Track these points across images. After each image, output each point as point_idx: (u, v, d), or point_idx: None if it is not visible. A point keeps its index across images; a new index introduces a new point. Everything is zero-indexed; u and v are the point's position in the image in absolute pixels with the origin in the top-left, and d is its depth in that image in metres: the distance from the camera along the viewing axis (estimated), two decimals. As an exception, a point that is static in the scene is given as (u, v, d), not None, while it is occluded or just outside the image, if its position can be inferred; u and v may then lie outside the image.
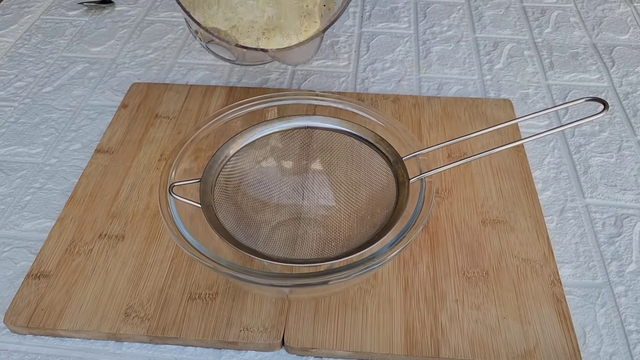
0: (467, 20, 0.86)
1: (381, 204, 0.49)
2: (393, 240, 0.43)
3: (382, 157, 0.50)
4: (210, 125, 0.53)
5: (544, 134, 0.46)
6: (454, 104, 0.69)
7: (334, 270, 0.42)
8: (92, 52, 0.80)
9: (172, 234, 0.43)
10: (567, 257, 0.55)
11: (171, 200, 0.46)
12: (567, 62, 0.78)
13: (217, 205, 0.47)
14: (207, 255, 0.42)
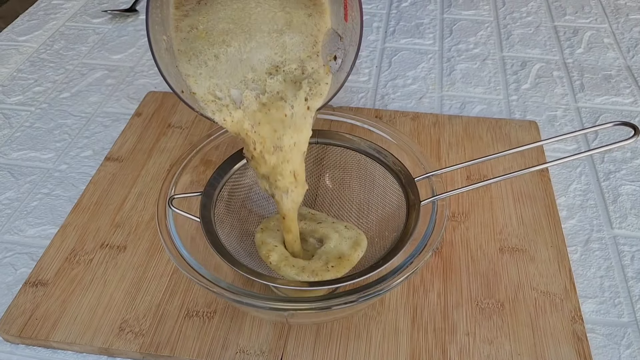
0: (495, 38, 0.83)
1: (390, 226, 0.47)
2: (400, 264, 0.40)
3: (394, 177, 0.48)
4: (219, 136, 0.51)
5: (570, 158, 0.43)
6: (476, 124, 0.66)
7: (337, 295, 0.39)
8: (112, 60, 0.80)
9: (165, 246, 0.41)
10: (591, 291, 0.51)
11: (170, 213, 0.44)
12: (599, 85, 0.74)
13: (218, 221, 0.45)
14: (195, 268, 0.40)
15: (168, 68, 0.40)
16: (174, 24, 0.41)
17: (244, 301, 0.38)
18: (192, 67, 0.41)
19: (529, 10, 0.89)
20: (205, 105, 0.41)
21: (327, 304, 0.39)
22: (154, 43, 0.38)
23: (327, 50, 0.44)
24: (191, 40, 0.42)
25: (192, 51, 0.41)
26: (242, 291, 0.39)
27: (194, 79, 0.41)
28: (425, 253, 0.41)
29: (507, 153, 0.47)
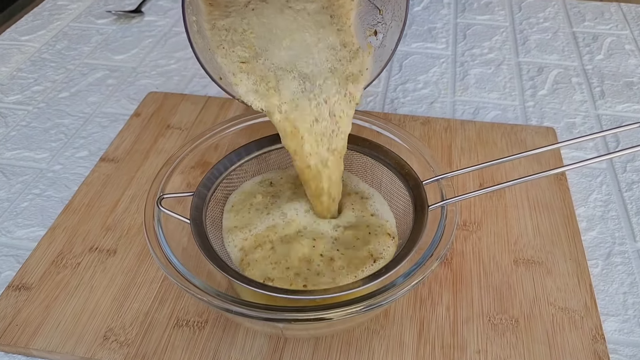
0: (511, 44, 0.80)
1: (397, 233, 0.43)
2: (405, 273, 0.37)
3: (401, 180, 0.44)
4: (214, 135, 0.48)
5: (592, 161, 0.40)
6: (490, 130, 0.63)
7: (335, 305, 0.36)
8: (114, 60, 0.78)
9: (149, 245, 0.38)
10: (613, 309, 0.47)
11: (159, 213, 0.41)
12: (620, 92, 0.71)
13: (209, 223, 0.42)
14: (179, 271, 0.36)
15: (204, 54, 0.38)
16: (211, 24, 0.40)
17: (233, 309, 0.35)
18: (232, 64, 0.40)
19: (546, 15, 0.86)
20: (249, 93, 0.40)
21: (324, 314, 0.35)
22: (189, 27, 0.37)
23: (364, 24, 0.42)
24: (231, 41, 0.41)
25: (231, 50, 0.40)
26: (232, 298, 0.36)
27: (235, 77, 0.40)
28: (433, 261, 0.37)
29: (521, 156, 0.43)
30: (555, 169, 0.40)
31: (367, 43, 0.44)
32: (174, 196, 0.42)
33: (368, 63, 0.44)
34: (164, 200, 0.42)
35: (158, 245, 0.38)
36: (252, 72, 0.42)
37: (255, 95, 0.42)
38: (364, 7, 0.44)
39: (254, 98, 0.43)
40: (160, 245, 0.38)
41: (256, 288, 0.37)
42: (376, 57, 0.44)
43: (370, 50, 0.44)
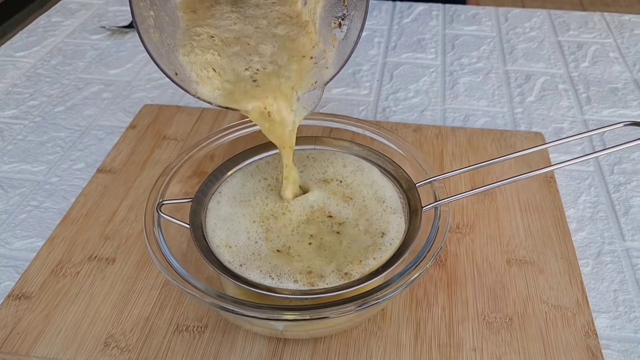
0: (498, 53, 0.82)
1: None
2: (401, 271, 0.38)
3: (393, 182, 0.46)
4: (210, 144, 0.49)
5: (580, 159, 0.41)
6: (480, 136, 0.64)
7: (333, 303, 0.37)
8: (109, 74, 0.79)
9: (150, 248, 0.39)
10: (604, 306, 0.48)
11: (158, 219, 0.42)
12: (605, 97, 0.72)
13: (209, 229, 0.43)
14: (179, 272, 0.37)
15: (158, 49, 0.39)
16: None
17: (230, 308, 0.36)
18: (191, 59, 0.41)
19: (532, 25, 0.88)
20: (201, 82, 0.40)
21: (323, 313, 0.36)
22: (140, 23, 0.37)
23: (330, 15, 0.42)
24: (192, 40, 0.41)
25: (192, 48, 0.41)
26: (234, 299, 0.37)
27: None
28: (428, 260, 0.38)
29: (511, 157, 0.45)
30: (544, 168, 0.41)
31: (331, 36, 0.44)
32: (173, 202, 0.43)
33: (331, 56, 0.44)
34: (162, 206, 0.42)
35: (159, 250, 0.39)
36: (222, 74, 0.42)
37: (218, 93, 0.42)
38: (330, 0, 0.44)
39: (216, 96, 0.42)
40: (161, 250, 0.39)
41: (257, 289, 0.37)
42: (339, 49, 0.44)
43: (335, 43, 0.44)
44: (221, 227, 0.42)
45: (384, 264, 0.39)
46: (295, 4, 0.45)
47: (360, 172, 0.46)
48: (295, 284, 0.38)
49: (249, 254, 0.40)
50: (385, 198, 0.44)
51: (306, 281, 0.38)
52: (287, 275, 0.38)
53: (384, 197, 0.44)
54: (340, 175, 0.46)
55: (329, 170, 0.47)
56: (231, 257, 0.40)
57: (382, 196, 0.44)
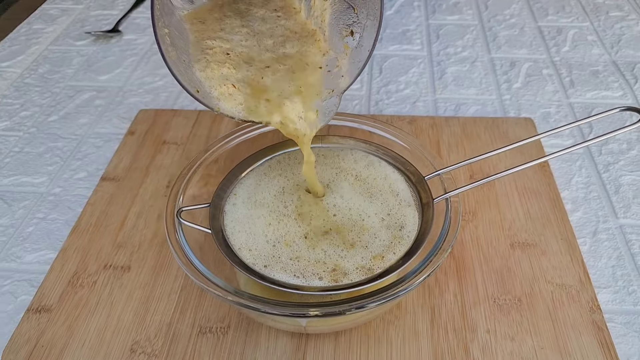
0: (482, 41, 0.84)
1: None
2: (423, 260, 0.40)
3: (403, 176, 0.47)
4: (219, 149, 0.50)
5: (577, 147, 0.43)
6: (474, 124, 0.66)
7: (357, 298, 0.38)
8: (100, 81, 0.79)
9: (178, 260, 0.40)
10: (604, 281, 0.51)
11: (179, 226, 0.43)
12: (588, 80, 0.75)
13: (228, 232, 0.44)
14: (215, 282, 0.38)
15: (178, 67, 0.39)
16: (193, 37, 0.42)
17: (261, 308, 0.37)
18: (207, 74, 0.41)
19: (511, 12, 0.91)
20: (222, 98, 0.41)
21: (349, 306, 0.37)
22: (162, 43, 0.38)
23: (340, 24, 0.43)
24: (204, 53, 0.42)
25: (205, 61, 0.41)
26: (259, 298, 0.38)
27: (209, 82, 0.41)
28: (445, 249, 0.40)
29: (509, 148, 0.47)
30: (542, 157, 0.44)
31: (343, 44, 0.45)
32: (192, 208, 0.44)
33: (345, 64, 0.44)
34: (182, 212, 0.43)
35: (186, 258, 0.40)
36: (242, 90, 0.43)
37: (241, 108, 0.42)
38: (338, 7, 0.45)
39: (238, 110, 0.42)
40: (188, 257, 0.40)
41: (284, 288, 0.39)
42: (353, 57, 0.45)
43: (347, 51, 0.45)
44: (240, 230, 0.43)
45: (404, 256, 0.40)
46: (298, 14, 0.46)
47: (372, 166, 0.48)
48: (320, 281, 0.39)
49: (269, 257, 0.41)
50: (399, 191, 0.45)
51: (330, 278, 0.39)
52: (311, 275, 0.40)
53: (397, 191, 0.45)
54: (354, 171, 0.48)
55: (343, 166, 0.48)
56: (254, 260, 0.41)
57: (396, 189, 0.45)
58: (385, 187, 0.46)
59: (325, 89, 0.43)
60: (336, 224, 0.43)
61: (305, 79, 0.42)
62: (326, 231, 0.42)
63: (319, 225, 0.43)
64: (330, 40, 0.44)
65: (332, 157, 0.49)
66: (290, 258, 0.41)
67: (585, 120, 0.45)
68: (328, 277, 0.40)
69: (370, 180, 0.46)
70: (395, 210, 0.44)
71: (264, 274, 0.40)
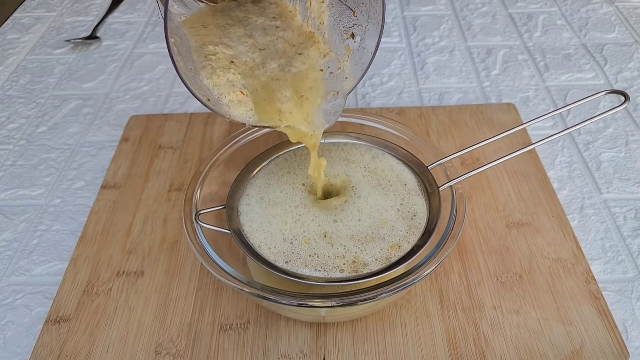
0: (457, 30, 0.87)
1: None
2: (437, 245, 0.42)
3: (408, 166, 0.49)
4: (225, 151, 0.51)
5: (566, 131, 0.46)
6: (459, 112, 0.69)
7: (379, 285, 0.40)
8: (84, 89, 0.78)
9: (205, 264, 0.41)
10: (595, 253, 0.54)
11: (198, 229, 0.44)
12: (561, 64, 0.79)
13: (246, 231, 0.45)
14: (244, 281, 0.40)
15: (188, 76, 0.40)
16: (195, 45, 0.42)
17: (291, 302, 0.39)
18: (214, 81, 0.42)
19: (482, 0, 0.94)
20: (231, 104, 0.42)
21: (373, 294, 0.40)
22: (174, 54, 0.39)
23: (340, 25, 0.44)
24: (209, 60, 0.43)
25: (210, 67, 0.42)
26: (288, 293, 0.40)
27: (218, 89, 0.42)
28: (456, 234, 0.42)
29: (501, 136, 0.50)
30: (536, 142, 0.46)
31: (345, 46, 0.46)
32: (208, 211, 0.45)
33: (348, 66, 0.46)
34: (200, 215, 0.45)
35: (210, 259, 0.41)
36: (250, 95, 0.44)
37: (251, 113, 0.44)
38: (336, 9, 0.47)
39: (249, 116, 0.43)
40: (212, 259, 0.41)
41: (306, 281, 0.41)
42: (356, 59, 0.46)
43: (349, 53, 0.46)
44: (257, 229, 0.45)
45: (418, 243, 0.43)
46: (294, 19, 0.47)
47: (378, 158, 0.50)
48: (342, 273, 0.41)
49: (289, 253, 0.43)
50: (406, 181, 0.48)
51: (351, 270, 0.42)
52: (332, 268, 0.42)
53: (405, 180, 0.48)
54: (363, 163, 0.50)
55: (350, 159, 0.50)
56: (274, 257, 0.43)
57: (404, 179, 0.48)
58: (394, 177, 0.48)
59: (329, 90, 0.45)
60: (357, 226, 0.45)
61: (308, 82, 0.44)
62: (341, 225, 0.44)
63: (340, 226, 0.44)
64: (331, 42, 0.45)
65: (337, 150, 0.51)
66: (310, 255, 0.43)
67: (574, 104, 0.48)
68: (349, 269, 0.42)
69: (379, 172, 0.48)
70: (406, 199, 0.46)
71: (289, 269, 0.41)
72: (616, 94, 0.47)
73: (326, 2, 0.44)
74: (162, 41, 0.87)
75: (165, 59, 0.83)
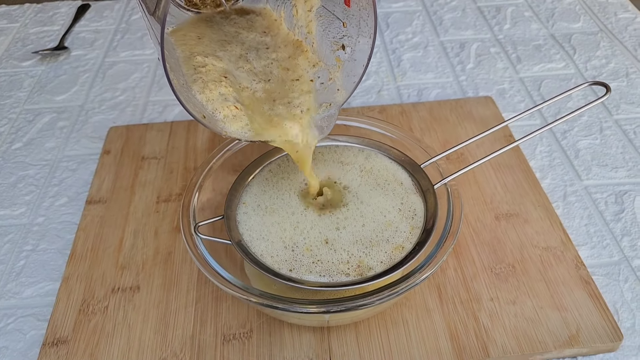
0: (429, 26, 0.88)
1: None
2: (437, 243, 0.43)
3: (401, 165, 0.50)
4: (217, 160, 0.51)
5: (552, 125, 0.48)
6: (439, 107, 0.70)
7: (387, 286, 0.41)
8: (57, 102, 0.76)
9: (214, 280, 0.41)
10: (581, 239, 0.56)
11: (199, 242, 0.44)
12: (532, 55, 0.81)
13: (246, 239, 0.45)
14: (257, 294, 0.40)
15: (183, 93, 0.40)
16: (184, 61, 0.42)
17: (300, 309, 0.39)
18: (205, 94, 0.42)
19: (451, -5, 0.95)
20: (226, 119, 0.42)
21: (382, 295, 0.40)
22: (169, 70, 0.38)
23: (330, 36, 0.44)
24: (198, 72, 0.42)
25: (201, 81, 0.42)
26: (295, 300, 0.40)
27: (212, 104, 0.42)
28: (455, 230, 0.43)
29: (487, 133, 0.51)
30: (520, 139, 0.48)
31: (335, 57, 0.45)
32: (207, 222, 0.45)
33: (339, 77, 0.45)
34: (199, 227, 0.44)
35: (215, 272, 0.41)
36: (245, 110, 0.43)
37: (246, 129, 0.43)
38: (325, 19, 0.47)
39: (245, 132, 0.43)
40: (217, 272, 0.41)
41: (312, 287, 0.41)
42: (347, 71, 0.45)
43: (340, 64, 0.45)
44: (257, 238, 0.45)
45: (420, 242, 0.43)
46: (280, 28, 0.47)
47: (371, 158, 0.50)
48: (347, 277, 0.42)
49: (292, 261, 0.43)
50: (402, 180, 0.48)
51: (356, 274, 0.42)
52: (337, 273, 0.42)
53: (400, 179, 0.48)
54: (357, 164, 0.50)
55: (344, 161, 0.50)
56: (278, 265, 0.43)
57: (399, 178, 0.48)
58: (390, 176, 0.48)
59: (322, 102, 0.45)
60: (361, 232, 0.45)
61: (302, 96, 0.44)
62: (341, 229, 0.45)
63: (342, 233, 0.45)
64: (321, 52, 0.45)
65: (329, 153, 0.52)
66: (313, 262, 0.43)
67: (558, 97, 0.50)
68: (354, 273, 0.42)
69: (375, 172, 0.49)
70: (405, 198, 0.46)
71: (295, 277, 0.42)
72: (598, 86, 0.48)
73: (313, 11, 0.44)
74: (134, 49, 0.86)
75: (139, 67, 0.82)
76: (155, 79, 0.80)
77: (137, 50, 0.85)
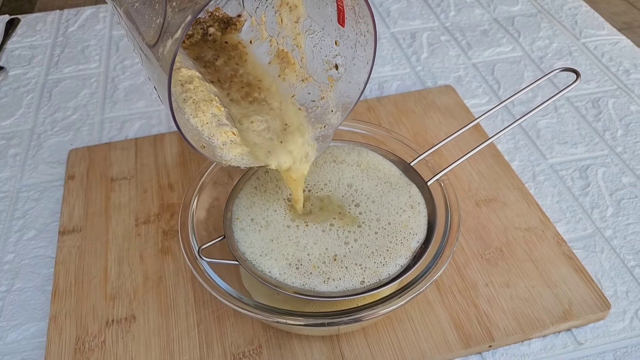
0: (378, 18, 0.89)
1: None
2: (440, 244, 0.44)
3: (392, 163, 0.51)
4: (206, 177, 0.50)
5: (531, 113, 0.50)
6: (404, 100, 0.71)
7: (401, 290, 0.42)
8: (4, 127, 0.72)
9: (229, 304, 0.40)
10: (556, 216, 0.59)
11: (204, 265, 0.43)
12: (481, 40, 0.84)
13: (249, 257, 0.44)
14: (280, 312, 0.40)
15: (180, 121, 0.38)
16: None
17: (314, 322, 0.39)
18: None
19: (393, -15, 0.96)
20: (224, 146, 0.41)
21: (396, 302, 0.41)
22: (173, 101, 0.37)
23: (322, 54, 0.43)
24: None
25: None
26: (307, 313, 0.40)
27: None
28: (455, 224, 0.45)
29: (463, 130, 0.53)
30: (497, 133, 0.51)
31: (327, 76, 0.45)
32: (210, 245, 0.44)
33: (332, 97, 0.45)
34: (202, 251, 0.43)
35: (229, 295, 0.40)
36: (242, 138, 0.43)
37: (246, 156, 0.43)
38: (316, 35, 0.45)
39: (243, 158, 0.43)
40: (229, 294, 0.40)
41: (320, 298, 0.41)
42: (340, 91, 0.44)
43: (332, 83, 0.45)
44: (260, 255, 0.44)
45: (424, 244, 0.44)
46: (247, 57, 0.46)
47: (364, 154, 0.50)
48: (362, 285, 0.42)
49: (299, 276, 0.43)
50: (399, 174, 0.49)
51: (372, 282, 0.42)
52: (347, 281, 0.42)
53: (397, 174, 0.49)
54: (352, 160, 0.50)
55: (338, 159, 0.50)
56: (290, 280, 0.42)
57: (396, 173, 0.49)
58: (387, 170, 0.49)
59: (317, 123, 0.44)
60: (375, 240, 0.45)
61: (297, 118, 0.44)
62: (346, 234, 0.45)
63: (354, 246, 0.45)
64: (312, 69, 0.45)
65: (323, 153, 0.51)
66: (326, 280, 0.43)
67: (531, 86, 0.52)
68: (370, 281, 0.42)
69: (373, 166, 0.49)
70: (411, 192, 0.47)
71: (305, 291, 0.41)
72: (566, 72, 0.51)
73: (301, 22, 0.44)
74: (77, 63, 0.81)
75: (87, 82, 0.78)
76: (107, 93, 0.76)
77: (81, 65, 0.81)
